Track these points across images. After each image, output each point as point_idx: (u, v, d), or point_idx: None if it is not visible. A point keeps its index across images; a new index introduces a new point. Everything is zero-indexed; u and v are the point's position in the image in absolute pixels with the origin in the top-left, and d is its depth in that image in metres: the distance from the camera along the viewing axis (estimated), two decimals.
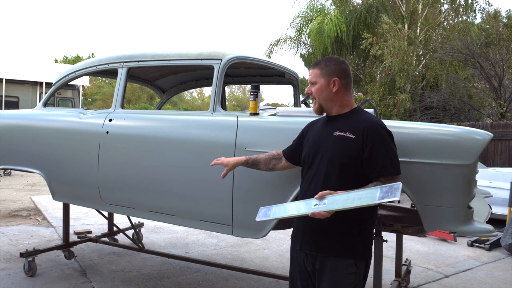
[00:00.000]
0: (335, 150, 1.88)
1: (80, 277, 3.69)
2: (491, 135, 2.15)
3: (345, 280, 1.85)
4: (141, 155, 2.93)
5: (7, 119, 3.77)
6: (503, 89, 12.49)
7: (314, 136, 2.02)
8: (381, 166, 1.82)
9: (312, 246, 1.91)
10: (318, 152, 1.94)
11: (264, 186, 2.47)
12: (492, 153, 9.59)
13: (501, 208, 6.08)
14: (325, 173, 1.89)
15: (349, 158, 1.85)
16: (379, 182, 1.82)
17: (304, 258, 1.96)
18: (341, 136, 1.89)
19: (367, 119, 1.90)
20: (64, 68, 5.58)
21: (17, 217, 6.02)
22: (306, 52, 18.65)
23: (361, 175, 1.86)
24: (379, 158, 1.82)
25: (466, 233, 2.13)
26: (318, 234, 1.89)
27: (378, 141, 1.83)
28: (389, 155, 1.84)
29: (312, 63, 2.04)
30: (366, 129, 1.85)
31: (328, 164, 1.88)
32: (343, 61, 2.00)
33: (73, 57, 36.57)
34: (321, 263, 1.89)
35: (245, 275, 3.84)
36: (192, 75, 4.19)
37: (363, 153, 1.83)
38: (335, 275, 1.85)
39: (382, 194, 1.63)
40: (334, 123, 1.97)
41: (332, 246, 1.87)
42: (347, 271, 1.85)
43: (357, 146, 1.84)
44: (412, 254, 4.81)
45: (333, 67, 1.96)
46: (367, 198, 1.66)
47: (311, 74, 2.01)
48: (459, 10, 15.97)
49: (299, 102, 3.86)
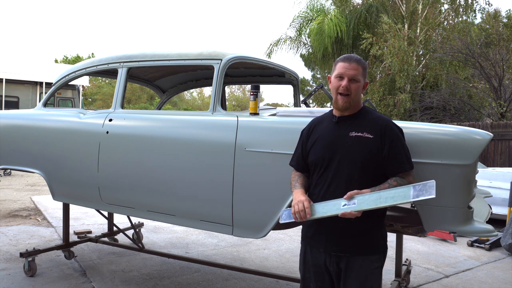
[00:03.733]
0: (355, 151, 1.90)
1: (80, 277, 3.69)
2: (491, 135, 2.15)
3: (373, 274, 1.93)
4: (141, 155, 2.93)
5: (7, 119, 3.77)
6: (503, 89, 12.49)
7: (326, 137, 1.99)
8: (399, 162, 1.88)
9: (338, 247, 1.94)
10: (336, 153, 1.93)
11: (264, 186, 2.47)
12: (492, 153, 9.60)
13: (501, 208, 6.09)
14: (347, 174, 1.90)
15: (370, 157, 1.88)
16: (398, 178, 1.88)
17: (326, 259, 1.97)
18: (359, 136, 1.91)
19: (380, 117, 1.97)
20: (64, 68, 5.59)
21: (17, 217, 6.02)
22: (306, 52, 18.67)
23: (379, 173, 1.91)
24: (397, 155, 1.89)
25: (466, 233, 2.13)
26: (343, 235, 1.92)
27: (394, 138, 1.90)
28: (404, 151, 1.91)
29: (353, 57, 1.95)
30: (383, 128, 1.91)
31: (349, 165, 1.90)
32: None
33: (73, 57, 36.56)
34: (347, 262, 1.93)
35: (245, 275, 3.84)
36: (192, 75, 4.19)
37: (382, 151, 1.89)
38: (363, 272, 1.92)
39: (416, 192, 1.68)
40: (346, 123, 1.97)
41: (359, 246, 1.92)
42: (374, 266, 1.94)
43: (376, 145, 1.89)
44: (412, 254, 4.81)
45: (367, 68, 2.03)
46: (401, 196, 1.70)
47: (356, 70, 1.92)
48: (459, 10, 15.96)
49: (299, 102, 3.86)
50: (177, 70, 4.02)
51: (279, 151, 2.41)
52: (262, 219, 2.48)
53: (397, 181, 1.86)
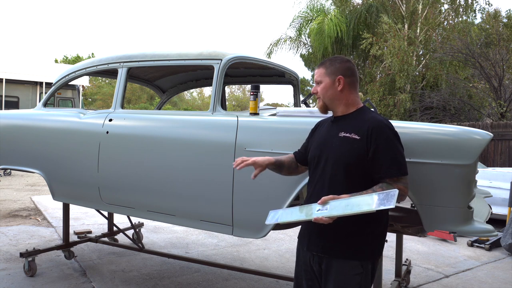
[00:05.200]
0: (340, 152, 1.86)
1: (80, 277, 3.69)
2: (491, 135, 2.15)
3: (351, 281, 1.84)
4: (141, 155, 2.93)
5: (7, 119, 3.78)
6: (503, 89, 12.49)
7: (321, 136, 2.02)
8: (386, 167, 1.78)
9: (318, 248, 1.91)
10: (324, 153, 1.93)
11: (264, 186, 2.47)
12: (492, 153, 9.60)
13: (501, 208, 6.09)
14: (331, 174, 1.87)
15: (354, 159, 1.82)
16: (385, 184, 1.78)
17: (310, 258, 1.96)
18: (346, 137, 1.87)
19: (372, 118, 1.86)
20: (64, 68, 5.59)
21: (17, 217, 6.02)
22: (306, 52, 18.68)
23: (367, 176, 1.83)
24: (383, 159, 1.79)
25: (466, 233, 2.13)
26: (325, 235, 1.89)
27: (382, 141, 1.80)
28: (394, 156, 1.80)
29: (318, 63, 2.04)
30: (370, 129, 1.81)
31: (334, 165, 1.87)
32: (348, 60, 2.00)
33: (73, 57, 36.56)
34: (327, 264, 1.89)
35: (245, 275, 3.84)
36: (192, 75, 4.19)
37: (368, 154, 1.81)
38: (341, 277, 1.85)
39: (379, 201, 1.61)
40: (339, 123, 1.96)
41: (339, 248, 1.86)
42: (353, 272, 1.84)
43: (362, 147, 1.81)
44: (412, 254, 4.81)
45: (338, 65, 1.95)
46: (366, 205, 1.63)
47: (316, 74, 2.00)
48: (459, 10, 15.97)
49: (299, 102, 3.86)
50: (177, 70, 4.02)
51: (279, 151, 2.41)
52: (262, 219, 2.47)
53: (382, 188, 1.75)
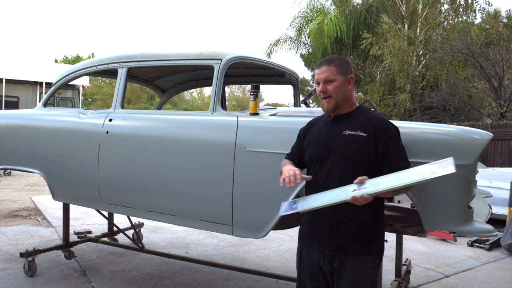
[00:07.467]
0: (348, 149, 1.90)
1: (80, 277, 3.69)
2: (491, 135, 2.15)
3: (365, 275, 1.91)
4: (141, 155, 2.93)
5: (7, 119, 3.78)
6: (503, 89, 12.49)
7: (321, 136, 2.01)
8: (395, 160, 1.86)
9: (331, 246, 1.93)
10: (330, 152, 1.94)
11: (264, 186, 2.47)
12: (492, 153, 9.60)
13: (501, 208, 6.09)
14: (341, 173, 1.90)
15: (363, 156, 1.88)
16: None
17: (320, 258, 1.97)
18: (352, 135, 1.91)
19: (375, 116, 1.95)
20: (64, 68, 5.59)
21: (17, 217, 6.02)
22: (306, 52, 18.66)
23: (375, 172, 1.87)
24: (392, 153, 1.87)
25: (466, 233, 2.13)
26: (336, 234, 1.92)
27: (389, 136, 1.89)
28: (400, 149, 1.90)
29: (323, 61, 1.99)
30: (377, 126, 1.89)
31: (343, 163, 1.90)
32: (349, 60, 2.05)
33: (73, 57, 36.55)
34: (340, 262, 1.92)
35: (245, 275, 3.84)
36: (192, 75, 4.19)
37: (377, 149, 1.87)
38: (356, 272, 1.91)
39: (435, 169, 1.60)
40: (341, 122, 1.98)
41: (352, 245, 1.91)
42: (366, 266, 1.92)
43: (370, 143, 1.87)
44: (412, 254, 4.81)
45: (347, 65, 1.99)
46: (418, 175, 1.62)
47: (326, 72, 1.95)
48: (459, 10, 15.97)
49: (299, 102, 3.86)
50: (177, 70, 4.02)
51: (279, 151, 2.40)
52: (262, 219, 2.48)
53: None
